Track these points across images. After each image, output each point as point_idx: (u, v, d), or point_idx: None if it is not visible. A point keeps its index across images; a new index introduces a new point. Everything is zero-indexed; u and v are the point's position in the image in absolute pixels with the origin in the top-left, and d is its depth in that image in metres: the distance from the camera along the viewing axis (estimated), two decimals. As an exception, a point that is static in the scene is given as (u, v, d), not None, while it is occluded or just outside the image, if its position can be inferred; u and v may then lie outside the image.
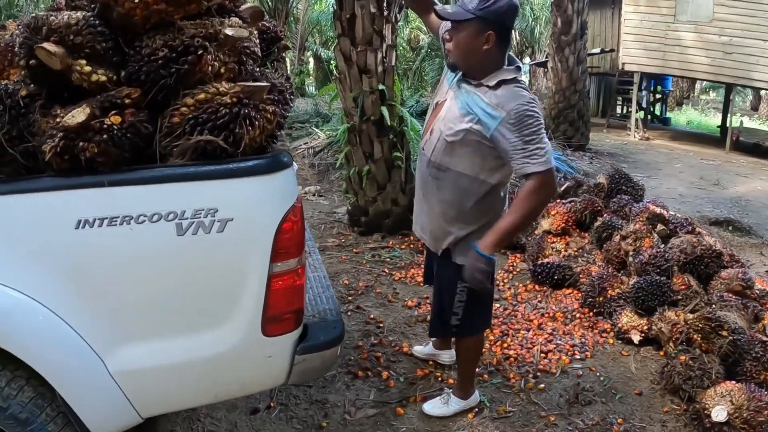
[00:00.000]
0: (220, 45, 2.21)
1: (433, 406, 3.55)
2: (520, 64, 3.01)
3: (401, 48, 22.89)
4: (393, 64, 6.19)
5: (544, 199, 2.94)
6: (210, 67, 2.16)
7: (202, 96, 2.11)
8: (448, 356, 4.00)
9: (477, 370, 3.77)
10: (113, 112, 2.03)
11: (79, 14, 2.10)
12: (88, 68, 2.07)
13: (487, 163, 2.96)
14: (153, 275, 2.16)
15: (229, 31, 2.20)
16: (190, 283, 2.21)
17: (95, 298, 2.13)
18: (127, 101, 2.08)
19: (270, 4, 18.49)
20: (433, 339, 4.05)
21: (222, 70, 2.24)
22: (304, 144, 10.15)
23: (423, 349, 4.13)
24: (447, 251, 3.16)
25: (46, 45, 2.01)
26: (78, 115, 1.98)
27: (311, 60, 27.95)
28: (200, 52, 2.12)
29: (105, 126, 1.99)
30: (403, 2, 6.06)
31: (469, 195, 3.03)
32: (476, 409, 3.57)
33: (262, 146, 2.26)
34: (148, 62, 2.10)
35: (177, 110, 2.10)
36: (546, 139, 2.82)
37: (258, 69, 2.54)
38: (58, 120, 2.00)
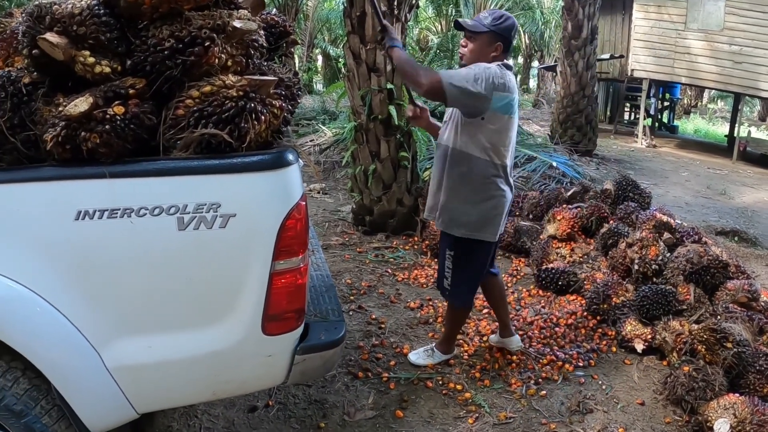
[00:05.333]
0: (228, 37, 2.18)
1: (418, 356, 4.07)
2: (511, 64, 3.65)
3: (410, 47, 22.88)
4: (402, 63, 6.13)
5: (410, 72, 3.38)
6: (217, 60, 2.13)
7: (207, 88, 2.08)
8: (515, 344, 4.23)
9: (478, 375, 3.92)
10: (117, 102, 2.01)
11: (84, 3, 2.06)
12: (91, 59, 2.05)
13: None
14: (152, 269, 2.13)
15: (237, 23, 2.17)
16: (190, 278, 2.17)
17: (93, 291, 2.10)
18: (131, 92, 2.05)
19: (280, 0, 18.45)
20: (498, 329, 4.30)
21: (229, 63, 2.21)
22: (311, 141, 10.15)
23: (493, 337, 4.34)
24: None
25: (48, 36, 1.98)
26: (81, 104, 1.95)
27: (319, 57, 28.00)
28: (207, 43, 2.09)
29: (108, 116, 1.97)
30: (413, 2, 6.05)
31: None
32: (476, 415, 3.54)
33: (267, 141, 2.23)
34: (154, 53, 2.08)
35: (182, 102, 2.08)
36: (465, 74, 3.27)
37: (265, 63, 2.50)
38: (60, 109, 1.98)
